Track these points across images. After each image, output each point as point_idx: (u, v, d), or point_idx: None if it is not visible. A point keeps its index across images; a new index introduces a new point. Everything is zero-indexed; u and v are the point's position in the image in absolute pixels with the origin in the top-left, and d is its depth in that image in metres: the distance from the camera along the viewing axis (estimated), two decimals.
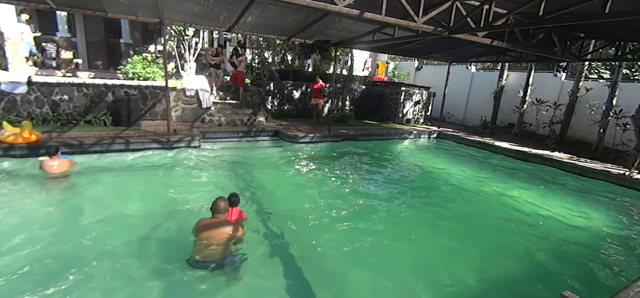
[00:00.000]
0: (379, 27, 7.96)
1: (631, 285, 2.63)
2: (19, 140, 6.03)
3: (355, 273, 3.60)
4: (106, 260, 3.38)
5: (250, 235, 4.00)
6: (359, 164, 8.02)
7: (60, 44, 12.00)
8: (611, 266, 4.21)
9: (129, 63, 9.57)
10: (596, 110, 11.13)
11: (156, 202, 4.82)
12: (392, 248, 4.17)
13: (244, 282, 3.19)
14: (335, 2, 4.97)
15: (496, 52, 10.63)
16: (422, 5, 5.57)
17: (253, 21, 7.64)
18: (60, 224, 4.03)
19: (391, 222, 4.95)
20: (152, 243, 3.73)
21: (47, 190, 4.93)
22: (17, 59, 8.49)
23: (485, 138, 11.54)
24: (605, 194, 6.97)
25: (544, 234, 4.88)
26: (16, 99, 7.63)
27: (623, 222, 5.65)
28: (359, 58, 18.86)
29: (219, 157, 7.43)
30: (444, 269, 3.82)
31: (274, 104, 12.34)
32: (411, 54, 13.00)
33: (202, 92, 9.56)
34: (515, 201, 6.14)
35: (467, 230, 4.91)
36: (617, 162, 9.08)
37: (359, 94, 14.40)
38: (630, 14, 4.37)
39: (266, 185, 5.92)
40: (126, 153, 6.85)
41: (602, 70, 12.96)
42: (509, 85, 13.92)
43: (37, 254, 3.35)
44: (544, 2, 5.14)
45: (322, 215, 4.90)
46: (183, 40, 11.03)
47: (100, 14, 6.78)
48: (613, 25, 7.13)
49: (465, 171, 8.02)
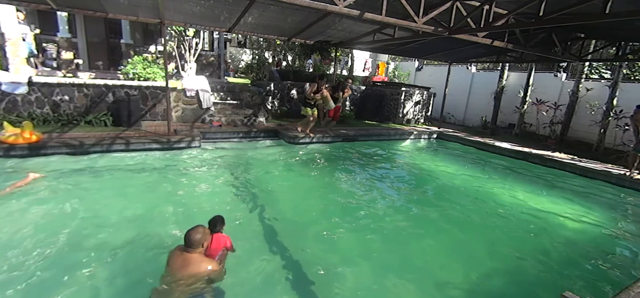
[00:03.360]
0: (379, 27, 7.97)
1: (632, 285, 2.63)
2: (20, 140, 6.04)
3: (355, 273, 3.60)
4: (97, 263, 3.35)
5: (249, 236, 4.00)
6: (359, 165, 8.02)
7: (60, 44, 12.02)
8: (611, 267, 4.20)
9: (129, 63, 9.59)
10: (596, 110, 11.13)
11: (154, 203, 4.82)
12: (393, 249, 4.17)
13: (234, 286, 3.12)
14: (336, 3, 4.98)
15: (496, 52, 10.63)
16: (422, 5, 5.57)
17: (253, 22, 7.65)
18: (49, 227, 3.96)
19: (392, 222, 4.94)
20: (140, 248, 3.66)
21: (45, 190, 4.93)
22: (17, 59, 8.51)
23: (485, 138, 11.53)
24: (605, 195, 6.96)
25: (543, 234, 4.87)
26: (17, 100, 7.64)
27: (624, 222, 5.65)
28: (359, 58, 18.88)
29: (219, 157, 7.43)
30: (445, 270, 3.82)
31: (274, 104, 12.34)
32: (411, 54, 13.01)
33: (203, 93, 9.56)
34: (515, 201, 6.13)
35: (467, 230, 4.91)
36: (617, 163, 9.08)
37: (359, 94, 14.40)
38: (631, 14, 4.37)
39: (266, 186, 5.92)
40: (126, 153, 6.85)
41: (603, 69, 12.96)
42: (509, 85, 13.92)
43: (22, 258, 3.35)
44: (544, 2, 5.14)
45: (322, 215, 4.90)
46: (183, 41, 11.05)
47: (101, 14, 6.79)
48: (613, 25, 7.13)
49: (466, 171, 8.01)
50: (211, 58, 14.85)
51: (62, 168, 5.80)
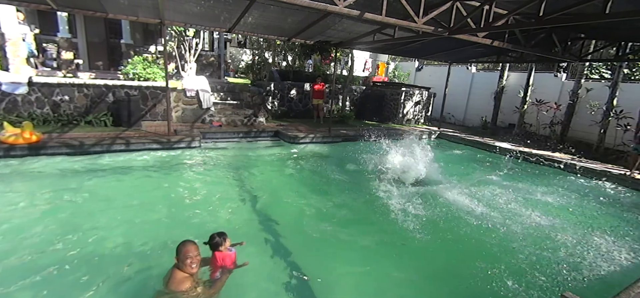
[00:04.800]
0: (379, 27, 7.96)
1: (632, 285, 2.63)
2: (20, 140, 6.04)
3: (354, 274, 3.60)
4: (96, 264, 3.35)
5: (249, 236, 3.99)
6: (359, 165, 8.01)
7: (61, 44, 12.02)
8: (612, 267, 4.20)
9: (129, 64, 9.59)
10: (597, 110, 11.12)
11: (154, 203, 4.82)
12: (394, 249, 4.17)
13: (233, 287, 3.09)
14: (336, 3, 4.98)
15: (496, 52, 10.63)
16: (422, 5, 5.57)
17: (253, 22, 7.65)
18: (52, 225, 3.99)
19: (392, 222, 4.94)
20: (139, 249, 3.65)
21: (44, 191, 4.92)
22: (17, 59, 8.51)
23: (485, 138, 11.53)
24: (605, 195, 6.95)
25: (543, 234, 4.86)
26: (17, 100, 7.64)
27: (624, 222, 5.64)
28: (359, 59, 18.87)
29: (219, 157, 7.43)
30: (445, 270, 3.81)
31: (274, 104, 12.34)
32: (411, 54, 13.00)
33: (203, 93, 9.56)
34: (515, 201, 6.12)
35: (467, 230, 4.90)
36: (617, 163, 9.07)
37: (359, 94, 14.40)
38: (631, 14, 4.36)
39: (266, 186, 5.92)
40: (126, 153, 6.85)
41: (603, 70, 12.95)
42: (510, 85, 13.92)
43: (26, 255, 3.35)
44: (544, 2, 5.13)
45: (322, 215, 4.90)
46: (183, 41, 11.05)
47: (101, 14, 6.79)
48: (613, 25, 7.13)
49: (466, 172, 8.01)
50: (211, 58, 14.85)
51: (62, 168, 5.80)
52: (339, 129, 10.89)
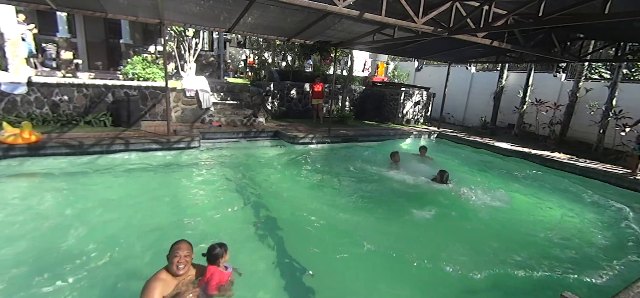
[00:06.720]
0: (378, 27, 7.96)
1: (631, 285, 2.63)
2: (19, 140, 6.03)
3: (354, 274, 3.60)
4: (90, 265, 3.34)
5: (249, 236, 3.99)
6: (359, 165, 8.00)
7: (60, 44, 12.01)
8: (612, 267, 4.20)
9: (129, 64, 9.58)
10: (596, 110, 11.13)
11: (153, 203, 4.82)
12: (395, 249, 4.16)
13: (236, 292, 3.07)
14: (335, 3, 4.98)
15: (496, 52, 10.64)
16: (422, 5, 5.57)
17: (253, 22, 7.64)
18: (50, 226, 3.98)
19: (392, 222, 4.94)
20: (138, 249, 3.65)
21: (43, 191, 4.92)
22: (17, 59, 8.49)
23: (485, 138, 11.54)
24: (605, 195, 6.95)
25: (543, 235, 4.87)
26: (16, 100, 7.63)
27: (624, 222, 5.64)
28: (359, 59, 18.87)
29: (218, 157, 7.43)
30: (445, 271, 3.81)
31: (274, 104, 12.34)
32: (411, 54, 13.01)
33: (202, 93, 9.55)
34: (515, 202, 6.13)
35: (467, 230, 4.90)
36: (617, 163, 9.08)
37: (358, 94, 14.40)
38: (630, 14, 4.37)
39: (265, 186, 5.92)
40: (125, 154, 6.84)
41: (602, 70, 12.97)
42: (509, 85, 13.93)
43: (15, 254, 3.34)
44: (543, 2, 5.14)
45: (322, 216, 4.89)
46: (183, 41, 11.04)
47: (100, 14, 6.78)
48: (613, 25, 7.14)
49: (466, 172, 8.00)
50: (211, 58, 14.85)
51: (61, 168, 5.79)
52: (339, 129, 10.89)
